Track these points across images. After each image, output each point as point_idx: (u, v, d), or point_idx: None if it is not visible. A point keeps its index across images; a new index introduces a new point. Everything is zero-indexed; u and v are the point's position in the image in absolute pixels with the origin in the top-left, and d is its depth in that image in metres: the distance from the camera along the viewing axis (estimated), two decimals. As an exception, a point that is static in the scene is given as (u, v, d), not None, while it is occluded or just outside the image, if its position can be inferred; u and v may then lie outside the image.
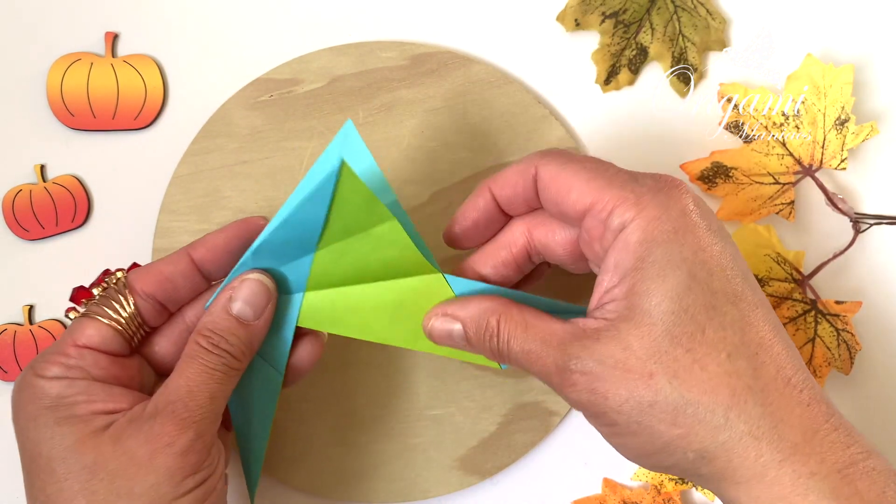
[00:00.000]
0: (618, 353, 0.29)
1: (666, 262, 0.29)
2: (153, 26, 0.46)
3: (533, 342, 0.31)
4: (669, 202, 0.30)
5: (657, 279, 0.29)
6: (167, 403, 0.32)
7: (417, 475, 0.42)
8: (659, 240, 0.29)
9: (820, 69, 0.43)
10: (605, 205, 0.30)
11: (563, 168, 0.32)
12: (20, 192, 0.45)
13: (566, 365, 0.30)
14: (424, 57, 0.44)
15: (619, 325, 0.29)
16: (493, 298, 0.33)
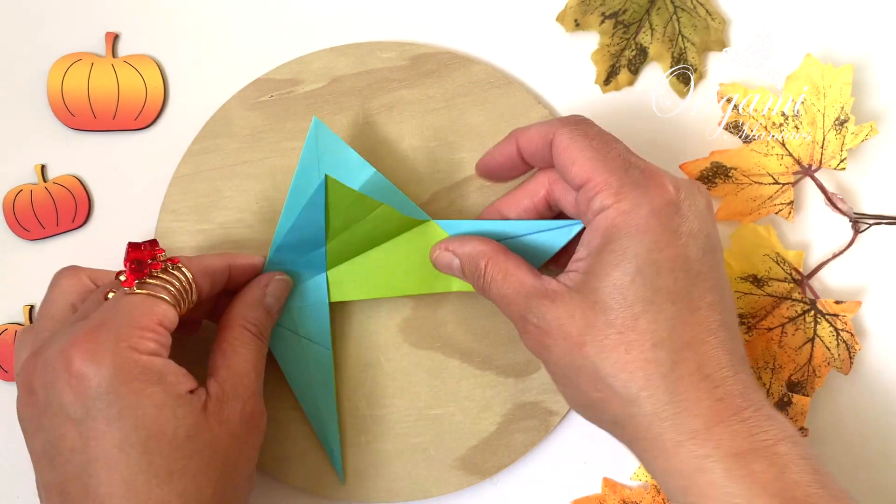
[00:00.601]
0: (564, 318, 0.34)
1: (622, 253, 0.33)
2: (154, 27, 0.46)
3: (508, 289, 0.36)
4: (643, 199, 0.33)
5: (610, 266, 0.33)
6: (236, 385, 0.36)
7: (417, 475, 0.42)
8: (622, 232, 0.33)
9: (819, 69, 0.43)
10: (594, 186, 0.34)
11: (573, 141, 0.35)
12: (21, 192, 0.45)
13: (526, 315, 0.35)
14: (424, 57, 0.44)
15: (573, 295, 0.34)
16: (487, 242, 0.38)
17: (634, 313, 0.32)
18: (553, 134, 0.36)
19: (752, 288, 0.44)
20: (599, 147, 0.35)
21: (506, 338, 0.43)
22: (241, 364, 0.37)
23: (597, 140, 0.35)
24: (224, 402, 0.35)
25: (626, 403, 0.33)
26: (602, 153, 0.35)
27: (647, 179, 0.34)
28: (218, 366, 0.37)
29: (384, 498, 0.42)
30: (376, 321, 0.43)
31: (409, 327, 0.43)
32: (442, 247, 0.40)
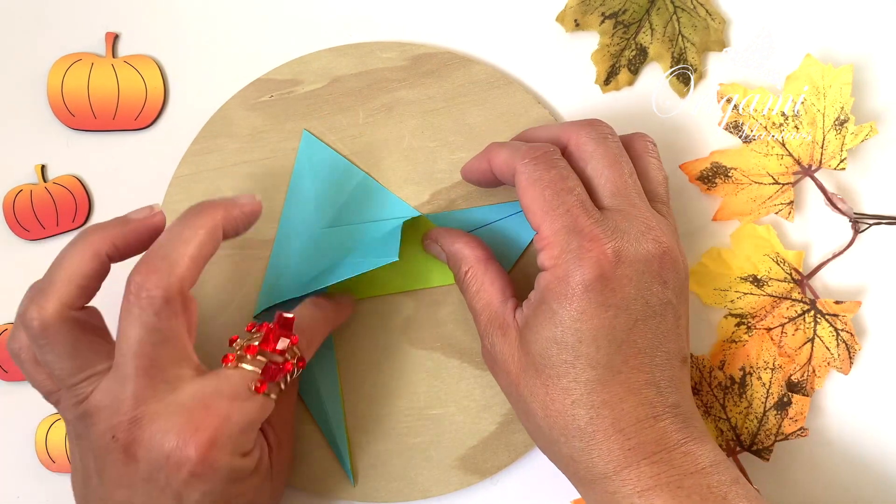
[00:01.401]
0: (507, 355, 0.37)
1: (551, 316, 0.35)
2: (154, 27, 0.46)
3: (478, 304, 0.39)
4: (577, 270, 0.34)
5: (541, 325, 0.35)
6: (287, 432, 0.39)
7: (417, 475, 0.42)
8: (553, 297, 0.35)
9: (819, 69, 0.43)
10: (541, 239, 0.36)
11: (529, 185, 0.36)
12: (21, 192, 0.45)
13: (483, 339, 0.39)
14: (424, 57, 0.44)
15: (517, 337, 0.37)
16: (474, 247, 0.40)
17: (557, 373, 0.35)
18: (515, 169, 0.37)
19: (752, 288, 0.44)
20: (551, 199, 0.35)
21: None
22: (287, 408, 0.40)
23: (550, 189, 0.36)
24: (280, 451, 0.38)
25: (549, 442, 0.36)
26: (552, 207, 0.35)
27: (584, 250, 0.34)
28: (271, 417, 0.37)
29: (384, 498, 0.42)
30: (376, 321, 0.43)
31: (409, 327, 0.43)
32: (432, 237, 0.42)
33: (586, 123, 0.38)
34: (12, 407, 0.45)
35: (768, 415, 0.42)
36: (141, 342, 0.33)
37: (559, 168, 0.36)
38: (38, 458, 0.44)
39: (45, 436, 0.44)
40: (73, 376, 0.34)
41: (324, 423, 0.42)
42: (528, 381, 0.36)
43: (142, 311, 0.33)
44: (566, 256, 0.35)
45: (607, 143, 0.38)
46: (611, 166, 0.37)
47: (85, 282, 0.35)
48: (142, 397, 0.33)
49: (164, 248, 0.34)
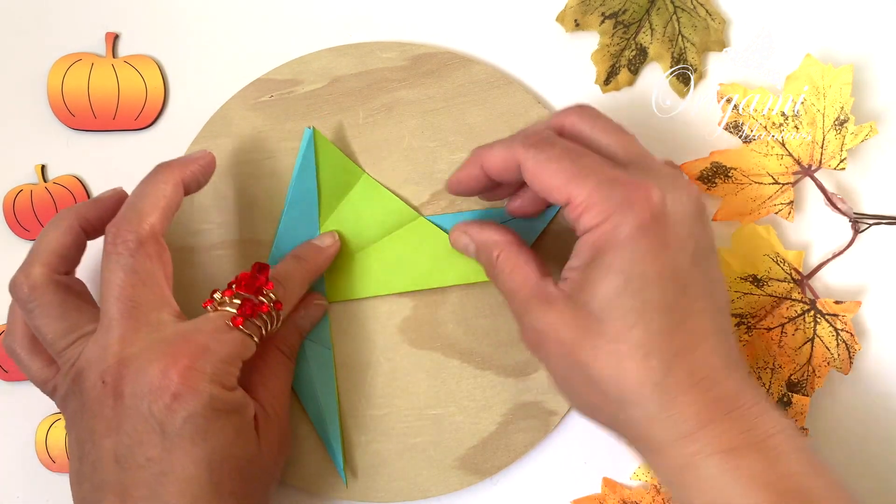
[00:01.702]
0: (559, 324, 0.34)
1: (609, 268, 0.33)
2: (154, 27, 0.46)
3: (513, 283, 0.37)
4: (627, 216, 0.33)
5: (600, 280, 0.33)
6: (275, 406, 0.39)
7: (417, 475, 0.42)
8: (609, 249, 0.33)
9: (819, 69, 0.43)
10: (576, 207, 0.34)
11: (540, 167, 0.35)
12: (21, 192, 0.45)
13: (523, 318, 0.36)
14: (425, 57, 0.45)
15: (568, 303, 0.34)
16: (504, 233, 0.39)
17: (626, 324, 0.33)
18: (519, 160, 0.36)
19: (752, 288, 0.44)
20: (570, 167, 0.34)
21: (506, 338, 0.43)
22: (278, 384, 0.40)
23: (565, 159, 0.35)
24: (269, 423, 0.38)
25: (619, 408, 0.34)
26: (575, 173, 0.34)
27: (628, 193, 0.33)
28: (257, 386, 0.39)
29: (384, 498, 0.42)
30: (376, 321, 0.43)
31: (409, 327, 0.43)
32: (461, 229, 0.40)
33: (574, 108, 0.38)
34: (12, 407, 0.45)
35: (768, 415, 0.42)
36: (122, 285, 0.36)
37: (562, 142, 0.36)
38: (38, 458, 0.44)
39: (45, 436, 0.44)
40: (64, 338, 0.36)
41: (318, 423, 0.42)
42: (590, 344, 0.33)
43: (119, 255, 0.36)
44: (612, 207, 0.33)
45: (601, 118, 0.38)
46: (613, 133, 0.37)
47: (64, 251, 0.38)
48: (127, 339, 0.35)
49: (133, 202, 0.37)
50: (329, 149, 0.43)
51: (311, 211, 0.43)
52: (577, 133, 0.37)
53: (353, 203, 0.43)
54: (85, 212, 0.39)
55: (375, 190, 0.43)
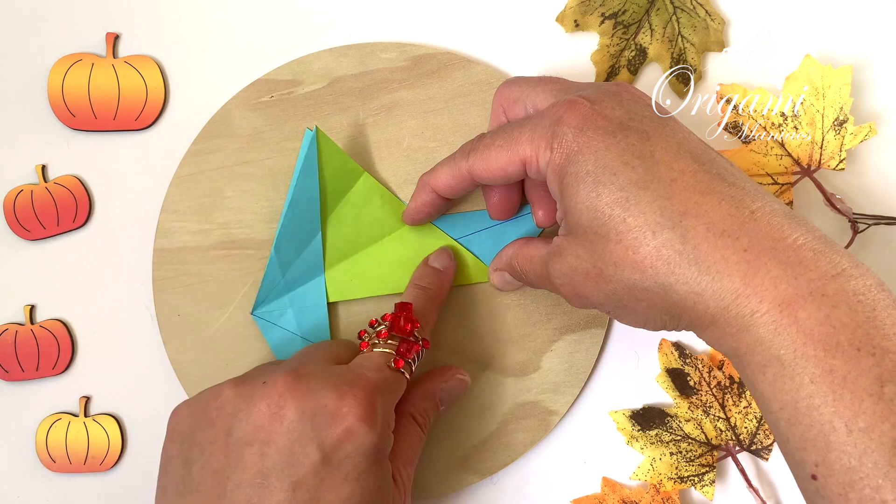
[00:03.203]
0: (576, 262, 0.34)
1: (574, 180, 0.33)
2: (154, 27, 0.46)
3: (536, 268, 0.38)
4: (564, 128, 0.33)
5: (573, 196, 0.33)
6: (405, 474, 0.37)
7: (417, 474, 0.42)
8: (565, 166, 0.33)
9: (819, 70, 0.43)
10: (531, 160, 0.35)
11: (486, 159, 0.37)
12: (21, 192, 0.45)
13: (553, 281, 0.36)
14: (425, 58, 0.45)
15: (570, 240, 0.34)
16: (512, 244, 0.41)
17: (619, 217, 0.32)
18: (466, 169, 0.38)
19: (752, 288, 0.44)
20: (504, 140, 0.36)
21: (506, 338, 0.43)
22: (410, 453, 0.38)
23: (498, 138, 0.36)
24: (397, 487, 0.37)
25: (665, 296, 0.31)
26: (510, 140, 0.36)
27: (557, 114, 0.34)
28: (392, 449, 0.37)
29: (384, 497, 0.42)
30: (376, 321, 0.43)
31: (409, 327, 0.43)
32: (492, 269, 0.43)
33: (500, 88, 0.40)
34: (12, 407, 0.45)
35: (768, 414, 0.42)
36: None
37: (487, 134, 0.37)
38: (39, 458, 0.44)
39: (46, 436, 0.44)
40: None
41: None
42: (605, 256, 0.32)
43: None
44: (549, 132, 0.34)
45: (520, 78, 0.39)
46: (537, 83, 0.38)
47: None
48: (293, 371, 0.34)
49: None
50: (332, 148, 0.43)
51: (313, 210, 0.43)
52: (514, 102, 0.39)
53: (353, 203, 0.43)
54: None
55: (376, 190, 0.43)
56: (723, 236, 0.30)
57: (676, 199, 0.31)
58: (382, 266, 0.43)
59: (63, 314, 0.45)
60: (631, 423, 0.43)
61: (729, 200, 0.31)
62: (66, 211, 0.45)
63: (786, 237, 0.30)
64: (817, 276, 0.29)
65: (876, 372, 0.28)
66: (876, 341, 0.28)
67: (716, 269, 0.30)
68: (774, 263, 0.29)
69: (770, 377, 0.29)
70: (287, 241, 0.43)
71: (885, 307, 0.29)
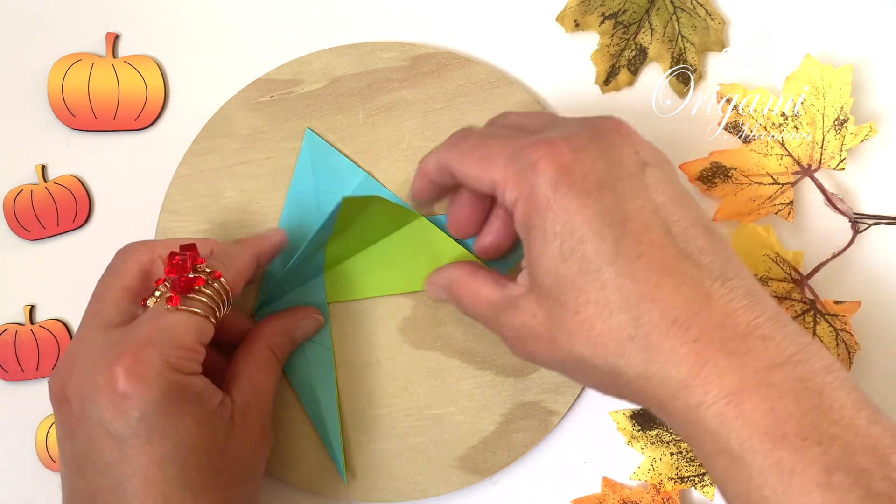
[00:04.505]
0: (532, 322, 0.33)
1: (542, 237, 0.32)
2: (154, 27, 0.46)
3: (480, 308, 0.37)
4: (539, 177, 0.32)
5: (539, 254, 0.32)
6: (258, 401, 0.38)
7: (417, 474, 0.42)
8: (534, 217, 0.32)
9: (819, 70, 0.43)
10: (499, 187, 0.34)
11: (462, 161, 0.35)
12: (21, 192, 0.45)
13: (501, 331, 0.35)
14: (424, 57, 0.45)
15: (529, 299, 0.33)
16: (458, 267, 0.38)
17: (579, 289, 0.31)
18: (446, 161, 0.36)
19: (752, 288, 0.44)
20: (482, 153, 0.34)
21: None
22: (263, 380, 0.38)
23: (478, 148, 0.35)
24: (247, 414, 0.37)
25: (614, 375, 0.31)
26: (487, 158, 0.34)
27: (533, 156, 0.32)
28: (240, 377, 0.38)
29: (384, 498, 0.42)
30: (376, 321, 0.43)
31: (409, 327, 0.43)
32: (427, 283, 0.40)
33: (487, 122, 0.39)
34: (12, 407, 0.45)
35: (768, 415, 0.42)
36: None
37: (476, 132, 0.36)
38: (39, 458, 0.44)
39: (46, 436, 0.44)
40: None
41: (318, 423, 0.42)
42: (561, 324, 0.32)
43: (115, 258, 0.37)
44: (523, 174, 0.32)
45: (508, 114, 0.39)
46: (527, 115, 0.38)
47: None
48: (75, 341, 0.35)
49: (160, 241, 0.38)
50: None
51: (311, 212, 0.43)
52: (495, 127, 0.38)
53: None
54: None
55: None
56: (674, 325, 0.30)
57: (638, 278, 0.30)
58: (382, 266, 0.43)
59: (63, 314, 0.45)
60: (631, 423, 0.43)
61: (689, 284, 0.30)
62: (65, 211, 0.45)
63: (738, 324, 0.30)
64: (764, 366, 0.29)
65: (823, 461, 0.28)
66: (822, 428, 0.28)
67: (663, 360, 0.30)
68: (722, 355, 0.29)
69: (721, 467, 0.29)
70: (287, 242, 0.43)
71: (832, 390, 0.29)
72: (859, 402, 0.29)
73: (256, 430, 0.37)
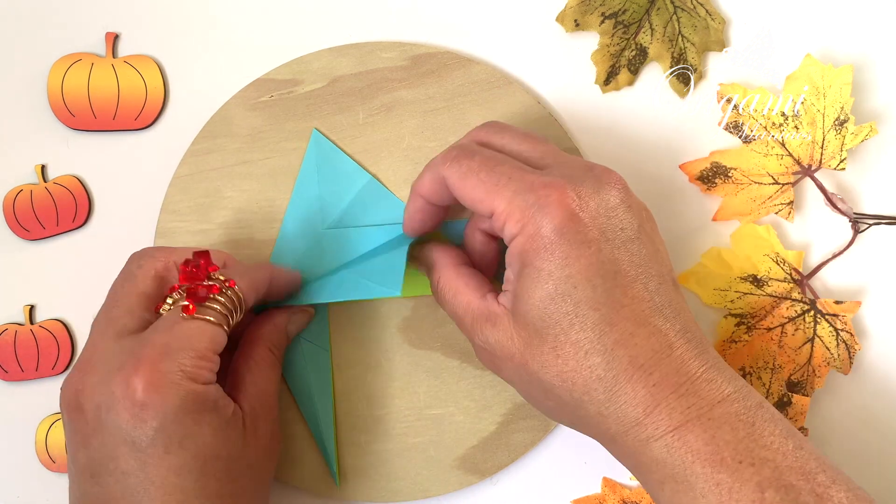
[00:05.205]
0: (505, 340, 0.35)
1: (537, 275, 0.34)
2: (154, 27, 0.46)
3: (457, 307, 0.38)
4: (545, 220, 0.34)
5: (531, 289, 0.34)
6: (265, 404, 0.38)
7: (417, 474, 0.42)
8: (533, 255, 0.34)
9: (819, 69, 0.43)
10: (498, 216, 0.35)
11: (462, 180, 0.36)
12: (21, 192, 0.45)
13: (473, 338, 0.37)
14: (424, 57, 0.44)
15: (510, 317, 0.35)
16: (444, 254, 0.39)
17: (563, 328, 0.34)
18: (443, 177, 0.37)
19: (752, 288, 0.44)
20: (488, 178, 0.35)
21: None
22: (268, 384, 0.39)
23: (482, 171, 0.35)
24: (257, 420, 0.37)
25: (574, 408, 0.35)
26: (494, 183, 0.35)
27: (543, 196, 0.34)
28: (245, 383, 0.38)
29: (384, 498, 0.42)
30: (376, 321, 0.43)
31: (409, 327, 0.43)
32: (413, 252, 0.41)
33: (481, 127, 0.39)
34: (12, 407, 0.45)
35: (768, 415, 0.42)
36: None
37: (481, 152, 0.36)
38: (38, 458, 0.44)
39: (45, 436, 0.44)
40: None
41: (313, 424, 0.42)
42: (536, 353, 0.34)
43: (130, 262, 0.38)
44: (530, 213, 0.34)
45: (509, 129, 0.38)
46: (524, 140, 0.38)
47: None
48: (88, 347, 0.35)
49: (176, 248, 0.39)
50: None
51: (314, 212, 0.43)
52: (491, 146, 0.38)
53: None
54: None
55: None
56: (640, 370, 0.33)
57: (617, 326, 0.33)
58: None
59: (63, 314, 0.45)
60: (631, 424, 0.43)
61: (658, 335, 0.34)
62: (65, 211, 0.45)
63: (690, 371, 0.33)
64: (706, 403, 0.33)
65: (756, 480, 0.32)
66: (755, 453, 0.32)
67: (624, 400, 0.33)
68: (674, 397, 0.33)
69: (668, 493, 0.33)
70: (289, 242, 0.43)
71: (763, 422, 0.33)
72: (786, 431, 0.33)
73: (267, 436, 0.38)
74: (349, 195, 0.43)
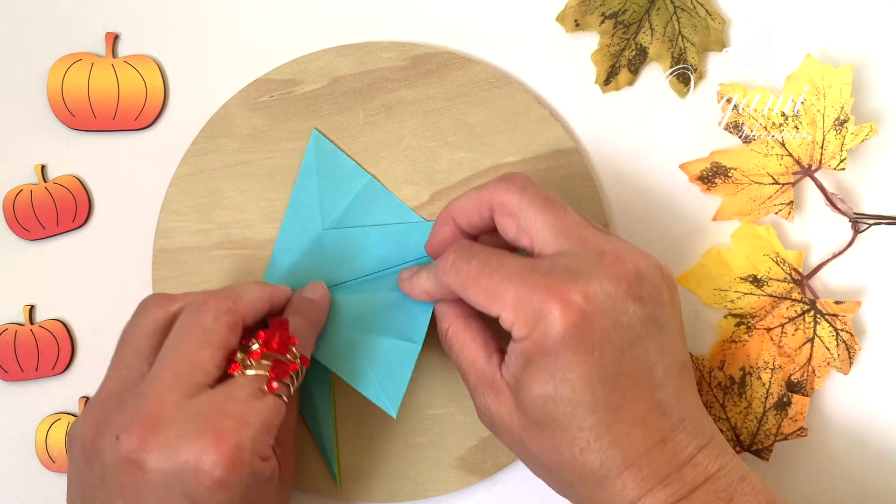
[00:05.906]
0: (505, 416, 0.36)
1: (539, 374, 0.34)
2: (154, 27, 0.46)
3: (463, 363, 0.38)
4: (550, 325, 0.34)
5: (532, 385, 0.34)
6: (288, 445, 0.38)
7: (417, 474, 0.42)
8: (537, 358, 0.34)
9: (819, 69, 0.43)
10: (505, 322, 0.35)
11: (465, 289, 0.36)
12: (21, 192, 0.45)
13: (475, 399, 0.38)
14: (424, 57, 0.45)
15: (511, 396, 0.36)
16: (454, 305, 0.39)
17: (560, 426, 0.34)
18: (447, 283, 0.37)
19: (752, 288, 0.44)
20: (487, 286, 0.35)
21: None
22: (292, 422, 0.39)
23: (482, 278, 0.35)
24: (285, 465, 0.37)
25: (565, 487, 0.36)
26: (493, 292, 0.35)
27: (547, 301, 0.34)
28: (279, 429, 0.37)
29: (384, 498, 0.42)
30: (376, 321, 0.43)
31: (409, 327, 0.43)
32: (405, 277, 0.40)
33: (502, 180, 0.37)
34: (12, 407, 0.45)
35: (768, 415, 0.42)
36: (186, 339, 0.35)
37: (478, 255, 0.36)
38: (38, 458, 0.44)
39: (45, 436, 0.44)
40: None
41: (314, 426, 0.42)
42: (534, 438, 0.35)
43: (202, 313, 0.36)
44: (534, 321, 0.34)
45: (528, 191, 0.37)
46: (542, 210, 0.36)
47: None
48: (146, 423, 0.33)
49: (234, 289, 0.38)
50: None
51: (314, 212, 0.43)
52: (507, 214, 0.37)
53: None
54: None
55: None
56: (631, 468, 0.34)
57: (613, 428, 0.34)
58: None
59: (63, 314, 0.45)
60: (631, 424, 0.43)
61: (653, 432, 0.34)
62: (65, 211, 0.45)
63: (679, 460, 0.34)
64: (688, 488, 0.34)
65: None
66: None
67: (613, 492, 0.34)
68: (660, 487, 0.34)
69: None
70: (288, 242, 0.43)
71: (741, 495, 0.34)
72: (765, 501, 0.34)
73: (289, 480, 0.38)
74: (349, 195, 0.43)
